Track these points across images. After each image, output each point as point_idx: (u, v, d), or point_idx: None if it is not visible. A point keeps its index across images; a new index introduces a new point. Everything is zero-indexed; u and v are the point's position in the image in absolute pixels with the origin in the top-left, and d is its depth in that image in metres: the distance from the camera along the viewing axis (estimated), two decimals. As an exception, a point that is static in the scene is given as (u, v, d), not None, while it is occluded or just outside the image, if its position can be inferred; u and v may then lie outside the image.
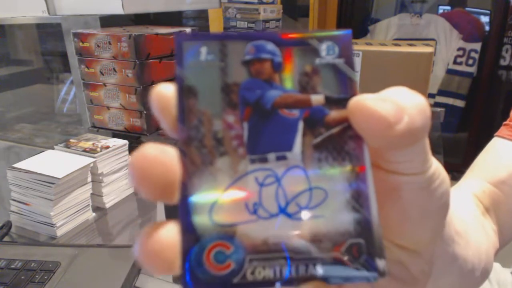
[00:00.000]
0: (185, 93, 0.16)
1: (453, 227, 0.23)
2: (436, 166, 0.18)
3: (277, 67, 0.17)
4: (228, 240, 0.15)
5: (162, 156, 0.15)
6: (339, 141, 0.16)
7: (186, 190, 0.15)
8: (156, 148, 0.15)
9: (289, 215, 0.15)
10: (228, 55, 0.16)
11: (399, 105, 0.15)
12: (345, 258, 0.15)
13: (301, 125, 0.16)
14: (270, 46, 0.17)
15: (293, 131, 0.16)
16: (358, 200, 0.15)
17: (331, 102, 0.16)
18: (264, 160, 0.16)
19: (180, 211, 0.15)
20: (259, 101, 0.16)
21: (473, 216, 0.31)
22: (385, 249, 0.15)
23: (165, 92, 0.16)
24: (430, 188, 0.18)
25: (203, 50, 0.16)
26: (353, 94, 0.16)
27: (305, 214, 0.15)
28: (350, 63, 0.17)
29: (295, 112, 0.16)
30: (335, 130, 0.16)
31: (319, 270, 0.15)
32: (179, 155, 0.15)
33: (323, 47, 0.17)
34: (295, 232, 0.15)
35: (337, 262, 0.15)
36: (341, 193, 0.15)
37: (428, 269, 0.22)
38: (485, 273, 0.29)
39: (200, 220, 0.15)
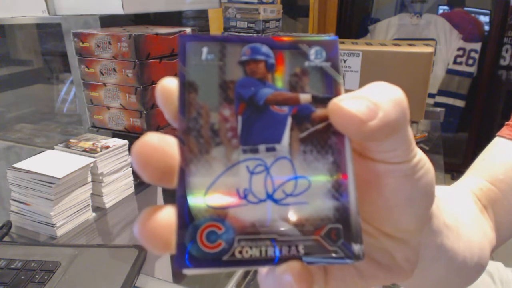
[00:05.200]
0: (186, 88, 0.17)
1: (442, 220, 0.24)
2: (420, 156, 0.19)
3: (270, 68, 0.18)
4: (219, 221, 0.16)
5: (163, 143, 0.16)
6: (323, 136, 0.18)
7: (183, 175, 0.16)
8: (157, 136, 0.16)
9: (275, 201, 0.17)
10: (226, 55, 0.18)
11: (373, 102, 0.16)
12: (324, 241, 0.17)
13: (289, 121, 0.18)
14: (265, 48, 0.18)
15: (282, 126, 0.18)
16: (338, 189, 0.17)
17: (317, 101, 0.18)
18: (255, 151, 0.17)
19: (178, 194, 0.16)
20: (253, 97, 0.18)
21: (468, 212, 0.32)
22: (362, 235, 0.17)
23: (168, 86, 0.17)
24: (414, 177, 0.19)
25: (204, 50, 0.18)
26: (337, 94, 0.18)
27: (290, 200, 0.17)
28: (336, 67, 0.18)
29: (285, 109, 0.18)
30: (320, 126, 0.18)
31: (301, 251, 0.16)
32: (178, 143, 0.17)
33: (312, 51, 0.18)
34: (281, 216, 0.17)
35: (317, 244, 0.17)
36: (323, 183, 0.17)
37: (414, 258, 0.22)
38: (479, 268, 0.30)
39: (196, 202, 0.16)
